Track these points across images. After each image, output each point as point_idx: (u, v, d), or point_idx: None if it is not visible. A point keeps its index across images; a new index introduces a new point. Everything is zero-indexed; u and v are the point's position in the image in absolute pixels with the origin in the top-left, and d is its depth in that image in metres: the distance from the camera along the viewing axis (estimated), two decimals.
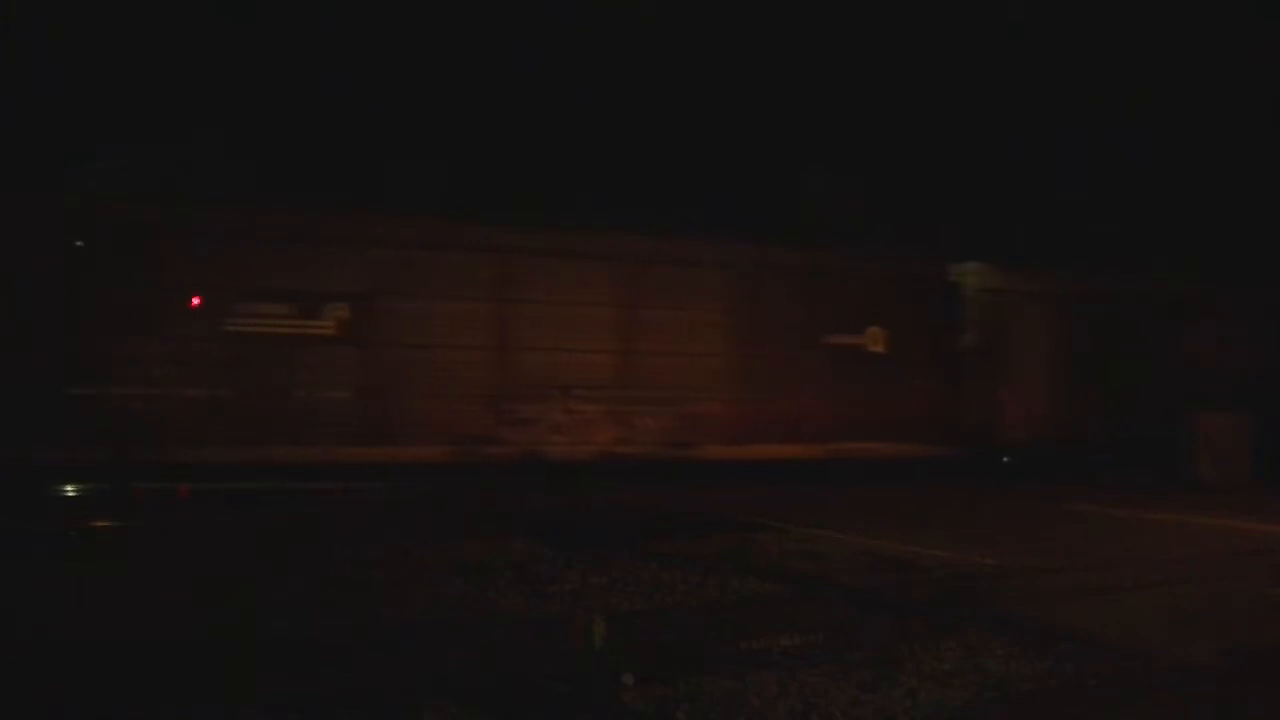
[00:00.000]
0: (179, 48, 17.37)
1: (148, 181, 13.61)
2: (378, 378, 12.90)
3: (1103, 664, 5.88)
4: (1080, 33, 21.38)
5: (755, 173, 20.23)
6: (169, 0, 17.77)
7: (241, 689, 5.14)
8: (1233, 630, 6.87)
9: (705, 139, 19.96)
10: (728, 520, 11.18)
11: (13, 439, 11.14)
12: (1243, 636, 6.77)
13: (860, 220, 18.75)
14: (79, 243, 11.91)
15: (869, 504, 12.95)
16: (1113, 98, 21.23)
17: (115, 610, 6.83)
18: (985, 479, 15.45)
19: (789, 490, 13.80)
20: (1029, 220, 21.03)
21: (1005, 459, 16.45)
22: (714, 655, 5.88)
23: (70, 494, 11.68)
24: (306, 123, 17.94)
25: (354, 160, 17.39)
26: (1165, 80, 21.04)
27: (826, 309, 15.28)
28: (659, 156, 19.50)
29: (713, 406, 14.51)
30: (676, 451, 14.20)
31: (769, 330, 14.96)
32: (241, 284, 12.45)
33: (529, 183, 18.20)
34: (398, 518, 11.21)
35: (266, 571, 8.11)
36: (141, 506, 11.46)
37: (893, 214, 19.69)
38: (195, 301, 12.47)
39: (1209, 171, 21.65)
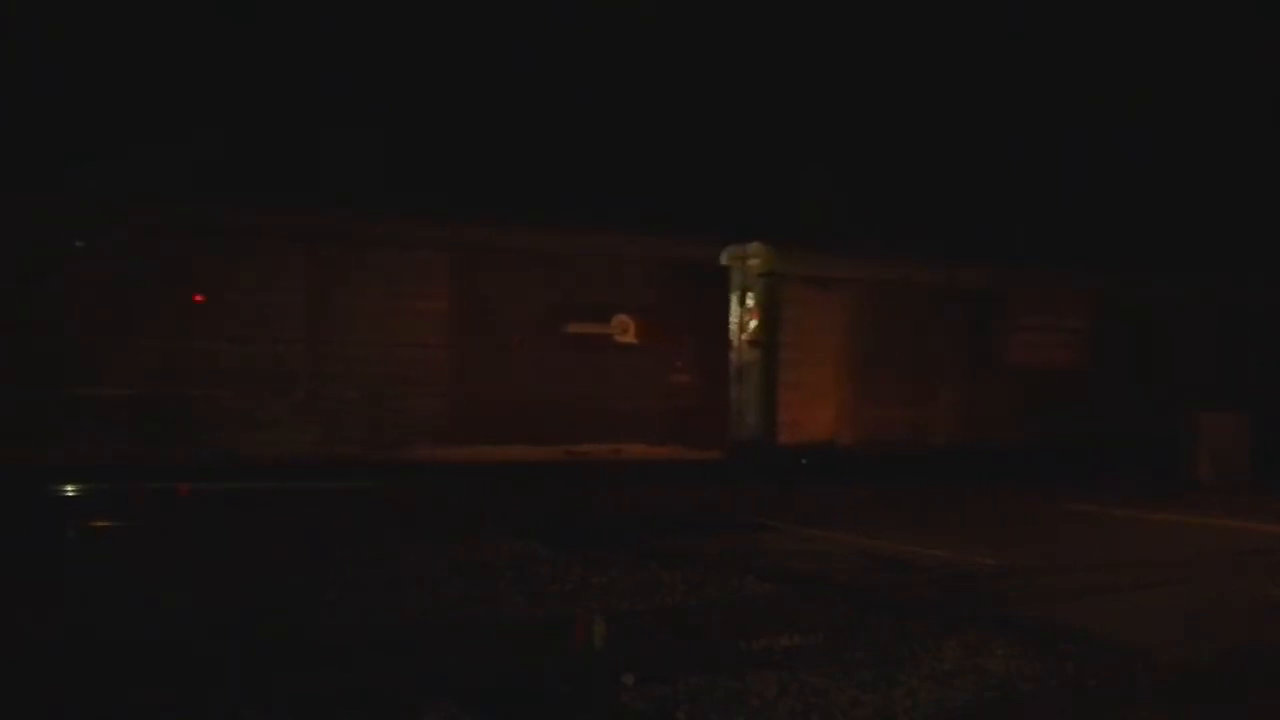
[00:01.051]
0: (179, 48, 17.38)
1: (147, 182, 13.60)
2: (30, 367, 11.61)
3: (1103, 664, 5.88)
4: (1080, 33, 21.39)
5: (757, 172, 20.23)
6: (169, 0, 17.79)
7: (241, 689, 5.14)
8: (1233, 630, 6.87)
9: (703, 138, 19.96)
10: (727, 520, 11.17)
11: None
12: (1243, 636, 6.77)
13: (860, 221, 18.77)
14: None
15: (868, 504, 12.95)
16: (1113, 98, 21.24)
17: (114, 610, 6.83)
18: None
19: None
20: (1030, 220, 21.03)
21: (804, 460, 14.87)
22: (714, 655, 5.88)
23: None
24: (306, 123, 17.94)
25: (353, 159, 17.40)
26: (1165, 80, 21.05)
27: (569, 295, 13.71)
28: (657, 156, 19.50)
29: (429, 403, 13.05)
30: (379, 453, 12.79)
31: (501, 318, 13.41)
32: None
33: (527, 183, 18.20)
34: (396, 518, 11.20)
35: (266, 572, 8.11)
36: None
37: (892, 215, 19.71)
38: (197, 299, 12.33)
39: (1209, 171, 21.65)
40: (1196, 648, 6.38)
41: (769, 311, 14.69)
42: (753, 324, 14.68)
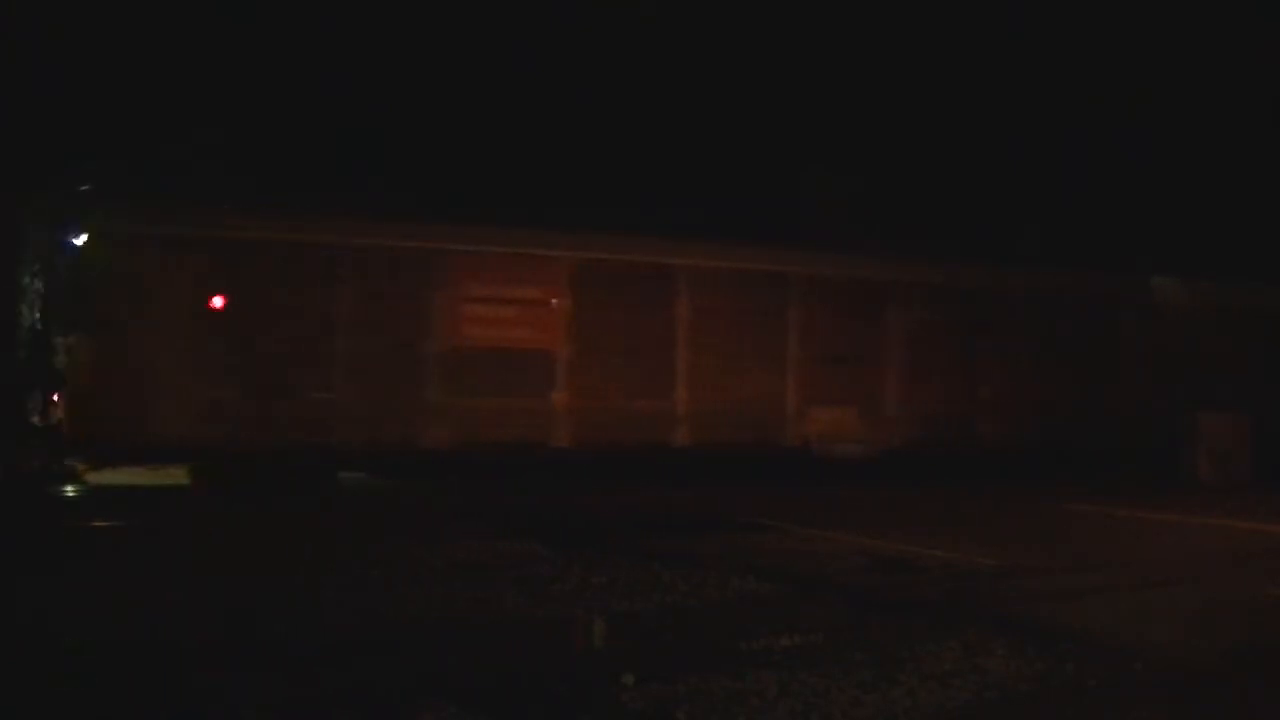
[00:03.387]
0: (179, 48, 17.36)
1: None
2: None
3: (1103, 664, 5.87)
4: (1080, 33, 21.39)
5: (755, 172, 20.23)
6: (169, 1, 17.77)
7: (241, 689, 5.13)
8: (1233, 630, 6.87)
9: (704, 138, 19.95)
10: (728, 520, 11.17)
11: None
12: (1243, 636, 6.77)
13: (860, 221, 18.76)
14: None
15: (868, 505, 12.94)
16: (1113, 98, 21.23)
17: (113, 611, 6.83)
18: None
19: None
20: (1039, 220, 20.98)
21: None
22: (714, 655, 5.88)
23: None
24: (305, 123, 17.93)
25: (354, 160, 17.40)
26: (1165, 80, 21.04)
27: None
28: (660, 156, 19.49)
29: None
30: None
31: None
32: None
33: (529, 181, 18.19)
34: (396, 517, 11.20)
35: (266, 572, 8.10)
36: None
37: (894, 214, 19.70)
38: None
39: (1210, 170, 21.65)
40: (1196, 648, 6.38)
41: (106, 285, 11.87)
42: (72, 300, 11.93)
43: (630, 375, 13.79)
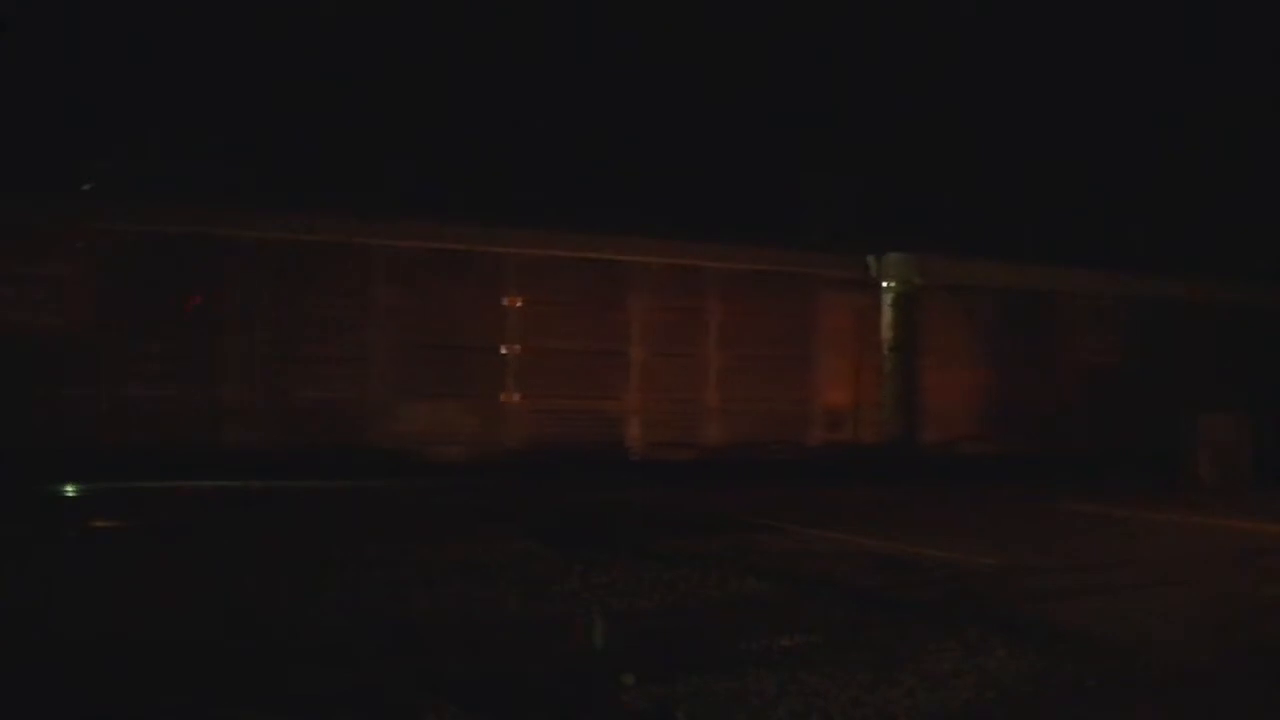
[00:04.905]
0: (178, 49, 17.35)
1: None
2: None
3: (1103, 664, 5.88)
4: (1080, 33, 21.39)
5: (755, 172, 20.23)
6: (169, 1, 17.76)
7: (240, 689, 5.13)
8: (1233, 630, 6.87)
9: (704, 139, 19.95)
10: (728, 520, 11.17)
11: None
12: (1243, 636, 6.77)
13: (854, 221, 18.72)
14: None
15: (868, 505, 12.95)
16: (1114, 97, 21.22)
17: (112, 610, 6.83)
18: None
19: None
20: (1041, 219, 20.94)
21: None
22: (714, 655, 5.88)
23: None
24: (305, 123, 17.93)
25: (354, 161, 17.39)
26: (1166, 80, 21.04)
27: None
28: (660, 157, 19.49)
29: None
30: None
31: None
32: None
33: (527, 182, 18.19)
34: (397, 518, 11.19)
35: (265, 571, 8.10)
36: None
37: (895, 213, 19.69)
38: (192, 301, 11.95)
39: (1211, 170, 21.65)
40: (1196, 648, 6.38)
41: None
42: None
43: (162, 363, 11.94)
